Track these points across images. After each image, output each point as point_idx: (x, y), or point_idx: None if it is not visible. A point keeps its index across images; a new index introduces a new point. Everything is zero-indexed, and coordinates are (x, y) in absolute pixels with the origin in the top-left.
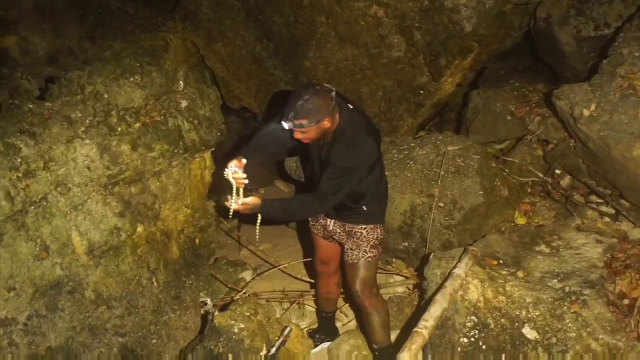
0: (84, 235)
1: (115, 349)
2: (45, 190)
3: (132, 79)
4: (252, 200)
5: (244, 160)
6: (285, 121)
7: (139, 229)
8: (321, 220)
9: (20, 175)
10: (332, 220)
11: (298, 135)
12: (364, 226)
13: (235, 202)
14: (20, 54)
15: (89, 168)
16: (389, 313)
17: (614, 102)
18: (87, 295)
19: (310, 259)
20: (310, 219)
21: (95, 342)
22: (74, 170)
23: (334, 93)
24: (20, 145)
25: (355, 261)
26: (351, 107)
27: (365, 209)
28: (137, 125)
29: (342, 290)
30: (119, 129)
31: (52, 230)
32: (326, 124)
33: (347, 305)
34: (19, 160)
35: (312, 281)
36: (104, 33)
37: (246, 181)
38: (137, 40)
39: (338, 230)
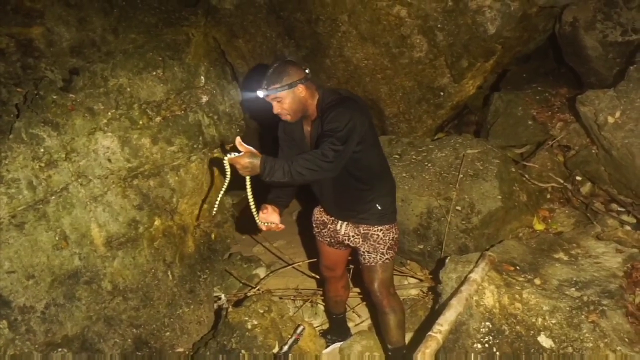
0: (103, 226)
1: (129, 340)
2: (66, 181)
3: (154, 73)
4: (251, 149)
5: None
6: (259, 90)
7: (157, 222)
8: (330, 226)
9: (42, 165)
10: (345, 224)
11: (276, 108)
12: (379, 227)
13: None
14: (45, 45)
15: (109, 160)
16: (404, 313)
17: None
18: (103, 286)
19: None
20: (314, 226)
21: (110, 333)
22: (94, 162)
23: (307, 69)
24: (44, 136)
25: (373, 264)
26: (331, 89)
27: (379, 207)
28: (158, 119)
29: (352, 291)
30: (140, 123)
31: (72, 220)
32: (300, 91)
33: (359, 305)
34: (42, 150)
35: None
36: (127, 26)
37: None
38: (159, 34)
39: (351, 234)
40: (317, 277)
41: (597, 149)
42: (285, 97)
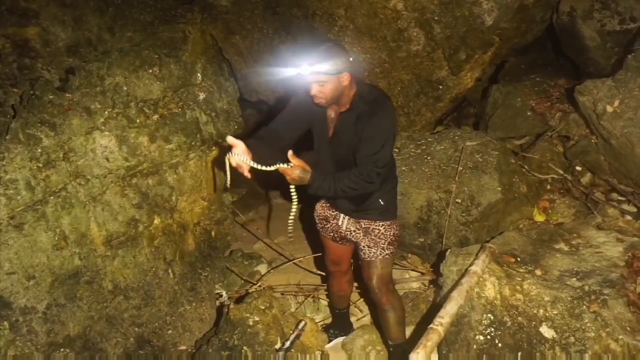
0: (102, 225)
1: (131, 338)
2: (64, 181)
3: (150, 71)
4: (303, 164)
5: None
6: (303, 66)
7: (156, 220)
8: (332, 221)
9: (40, 165)
10: (347, 218)
11: (314, 90)
12: (381, 223)
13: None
14: (42, 45)
15: (107, 159)
16: (404, 309)
17: (639, 98)
18: (104, 285)
19: None
20: (317, 221)
21: (112, 332)
22: (92, 161)
23: (351, 58)
24: (41, 136)
25: (373, 259)
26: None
27: (382, 202)
28: (156, 117)
29: (355, 285)
30: (138, 121)
31: (71, 220)
32: (345, 80)
33: (361, 300)
34: (39, 150)
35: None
36: (123, 24)
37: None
38: (156, 32)
39: (353, 229)
40: (319, 272)
41: (596, 138)
42: (330, 82)
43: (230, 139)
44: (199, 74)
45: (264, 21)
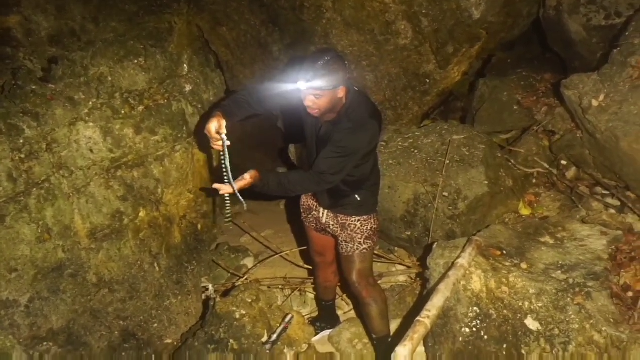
0: (87, 218)
1: (116, 332)
2: (47, 173)
3: (136, 62)
4: (250, 174)
5: (224, 122)
6: (301, 81)
7: (142, 213)
8: (314, 212)
9: (22, 156)
10: (325, 211)
11: (309, 101)
12: (357, 218)
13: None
14: (23, 35)
15: (91, 151)
16: (387, 302)
17: (623, 92)
18: (89, 278)
19: None
20: (302, 211)
21: (96, 326)
22: (76, 152)
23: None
24: (23, 127)
25: (350, 253)
26: (357, 89)
27: (358, 198)
28: (141, 108)
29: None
30: (123, 112)
31: (54, 212)
32: (340, 93)
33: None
34: (22, 141)
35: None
36: (108, 14)
37: (228, 143)
38: (141, 23)
39: (331, 223)
40: (306, 266)
41: (581, 133)
42: (325, 96)
43: (220, 118)
44: (185, 66)
45: (251, 13)
